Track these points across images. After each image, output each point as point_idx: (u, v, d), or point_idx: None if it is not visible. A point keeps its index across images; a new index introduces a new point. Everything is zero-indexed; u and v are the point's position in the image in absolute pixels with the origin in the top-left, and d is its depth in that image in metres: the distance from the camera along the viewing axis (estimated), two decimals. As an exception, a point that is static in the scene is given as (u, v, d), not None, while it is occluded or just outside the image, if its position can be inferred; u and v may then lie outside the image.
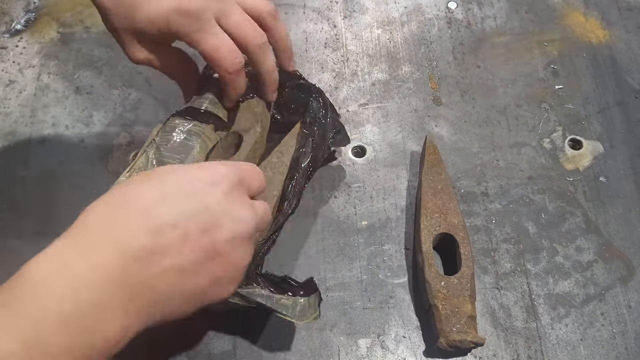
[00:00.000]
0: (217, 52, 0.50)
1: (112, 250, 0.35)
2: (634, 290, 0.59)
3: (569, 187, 0.64)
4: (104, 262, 0.35)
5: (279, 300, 0.49)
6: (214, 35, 0.49)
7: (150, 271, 0.36)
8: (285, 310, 0.49)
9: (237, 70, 0.52)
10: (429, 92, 0.71)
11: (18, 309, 0.32)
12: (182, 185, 0.40)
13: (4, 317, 0.32)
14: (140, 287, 0.36)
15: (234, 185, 0.41)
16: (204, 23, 0.49)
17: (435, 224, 0.57)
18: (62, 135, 0.67)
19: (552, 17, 0.76)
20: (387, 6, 0.77)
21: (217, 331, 0.56)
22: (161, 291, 0.37)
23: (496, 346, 0.56)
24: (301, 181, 0.57)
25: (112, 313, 0.35)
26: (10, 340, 0.31)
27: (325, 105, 0.60)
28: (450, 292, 0.54)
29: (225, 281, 0.41)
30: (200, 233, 0.38)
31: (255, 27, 0.52)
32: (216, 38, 0.50)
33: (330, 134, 0.60)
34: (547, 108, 0.70)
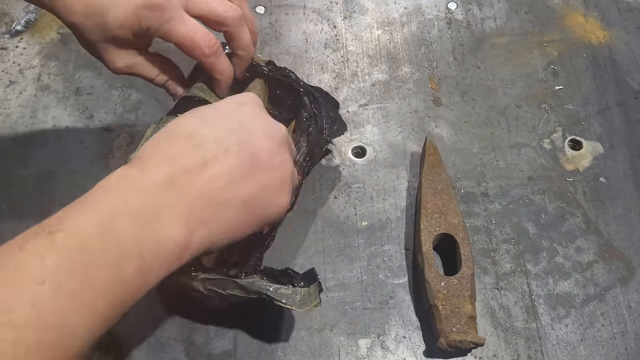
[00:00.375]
0: (190, 39, 0.51)
1: (166, 165, 0.40)
2: (634, 290, 0.59)
3: (569, 188, 0.64)
4: (161, 175, 0.39)
5: (278, 290, 0.49)
6: (184, 22, 0.50)
7: (201, 179, 0.40)
8: (285, 299, 0.49)
9: (214, 52, 0.52)
10: (429, 93, 0.71)
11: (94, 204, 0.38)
12: (217, 110, 0.45)
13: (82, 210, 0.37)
14: (196, 194, 0.40)
15: (258, 105, 0.47)
16: (173, 12, 0.49)
17: (436, 225, 0.57)
18: (62, 136, 0.67)
19: (552, 17, 0.76)
20: (387, 7, 0.77)
21: (217, 331, 0.56)
22: (215, 200, 0.41)
23: (496, 346, 0.56)
24: (299, 177, 0.57)
25: (175, 214, 0.39)
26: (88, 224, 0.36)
27: (317, 99, 0.59)
28: (450, 293, 0.54)
29: (274, 189, 0.45)
30: (239, 144, 0.43)
31: (225, 3, 0.53)
32: (186, 25, 0.50)
33: (326, 126, 0.60)
34: (547, 109, 0.70)
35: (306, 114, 0.59)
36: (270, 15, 0.76)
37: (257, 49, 0.59)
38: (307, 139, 0.58)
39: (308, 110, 0.59)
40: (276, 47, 0.74)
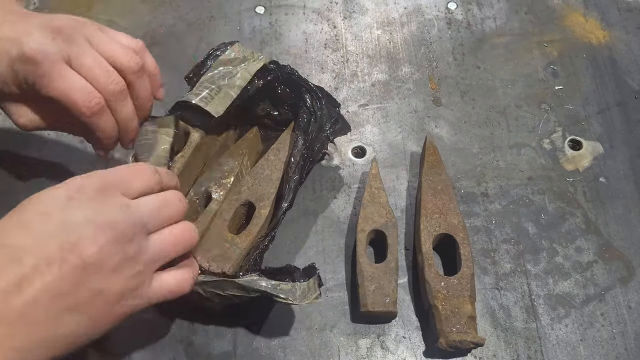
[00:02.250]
0: (66, 96, 0.47)
1: None
2: (633, 290, 0.59)
3: (568, 188, 0.64)
4: None
5: (278, 286, 0.49)
6: (62, 78, 0.47)
7: (20, 301, 0.35)
8: (285, 295, 0.48)
9: (94, 113, 0.48)
10: (428, 93, 0.71)
11: None
12: (40, 209, 0.39)
13: None
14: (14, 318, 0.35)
15: (95, 193, 0.40)
16: (50, 66, 0.46)
17: (435, 225, 0.57)
18: (62, 136, 0.67)
19: (551, 17, 0.76)
20: (387, 7, 0.77)
21: (217, 331, 0.56)
22: (39, 318, 0.36)
23: (496, 346, 0.56)
24: (296, 176, 0.57)
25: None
26: None
27: (319, 98, 0.59)
28: (450, 293, 0.54)
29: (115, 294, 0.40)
30: (61, 251, 0.37)
31: (108, 72, 0.49)
32: (64, 82, 0.47)
33: (327, 125, 0.60)
34: (547, 109, 0.70)
35: (306, 112, 0.59)
36: (270, 15, 0.76)
37: (255, 50, 0.59)
38: (304, 137, 0.58)
39: (308, 108, 0.59)
40: (276, 47, 0.74)
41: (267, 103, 0.62)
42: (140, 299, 0.42)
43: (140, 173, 0.44)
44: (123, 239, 0.40)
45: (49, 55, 0.46)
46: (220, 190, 0.58)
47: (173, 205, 0.45)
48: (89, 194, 0.40)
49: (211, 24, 0.75)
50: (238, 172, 0.59)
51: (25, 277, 0.36)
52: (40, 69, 0.46)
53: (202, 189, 0.59)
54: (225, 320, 0.56)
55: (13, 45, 0.46)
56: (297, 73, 0.60)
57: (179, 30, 0.75)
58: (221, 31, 0.75)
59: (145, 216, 0.42)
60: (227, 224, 0.56)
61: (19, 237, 0.37)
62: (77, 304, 0.38)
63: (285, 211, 0.55)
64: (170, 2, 0.77)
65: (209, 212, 0.57)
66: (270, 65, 0.59)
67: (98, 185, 0.41)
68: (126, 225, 0.40)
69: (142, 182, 0.44)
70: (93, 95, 0.48)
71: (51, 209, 0.39)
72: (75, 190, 0.40)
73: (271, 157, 0.60)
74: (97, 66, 0.48)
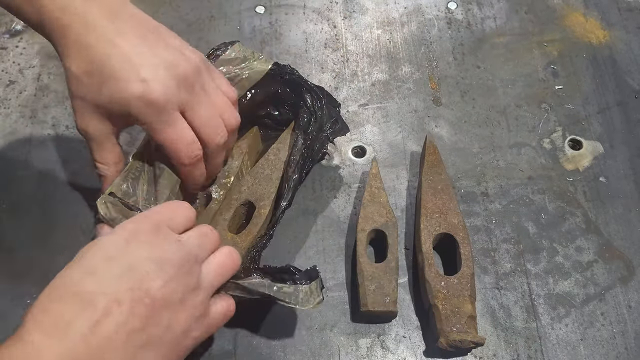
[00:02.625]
0: (173, 145, 0.49)
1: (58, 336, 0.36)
2: (634, 290, 0.59)
3: (569, 187, 0.64)
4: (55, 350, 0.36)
5: (280, 289, 0.49)
6: (173, 127, 0.48)
7: (96, 342, 0.37)
8: (288, 298, 0.48)
9: (192, 163, 0.51)
10: (429, 93, 0.71)
11: None
12: (102, 254, 0.41)
13: None
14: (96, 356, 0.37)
15: (150, 234, 0.42)
16: (166, 115, 0.47)
17: (435, 224, 0.57)
18: (62, 136, 0.67)
19: (552, 17, 0.76)
20: (387, 6, 0.77)
21: (217, 331, 0.56)
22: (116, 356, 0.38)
23: (496, 346, 0.56)
24: (295, 176, 0.57)
25: None
26: None
27: (320, 97, 0.59)
28: (450, 292, 0.54)
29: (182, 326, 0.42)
30: (130, 291, 0.39)
31: (218, 125, 0.51)
32: (175, 131, 0.49)
33: (327, 125, 0.60)
34: (547, 108, 0.70)
35: (306, 112, 0.59)
36: (270, 15, 0.76)
37: (257, 49, 0.59)
38: (304, 137, 0.58)
39: (308, 107, 0.59)
40: (276, 47, 0.74)
41: (268, 103, 0.62)
42: (204, 329, 0.45)
43: (180, 209, 0.46)
44: (183, 272, 0.42)
45: (170, 104, 0.47)
46: (221, 190, 0.58)
47: (211, 236, 0.47)
48: (145, 235, 0.42)
49: (211, 23, 0.75)
50: (238, 171, 0.59)
51: (99, 319, 0.37)
52: (157, 116, 0.47)
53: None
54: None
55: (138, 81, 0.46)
56: (297, 73, 0.60)
57: (179, 30, 0.74)
58: (221, 31, 0.75)
59: (194, 249, 0.44)
60: (228, 224, 0.56)
61: (88, 283, 0.39)
62: (150, 340, 0.40)
63: (284, 210, 0.55)
64: (170, 2, 0.77)
65: (209, 212, 0.57)
66: (271, 66, 0.59)
67: (150, 227, 0.43)
68: (183, 259, 0.42)
69: (183, 217, 0.46)
70: (196, 147, 0.50)
71: (113, 253, 0.41)
72: (131, 234, 0.42)
73: (271, 156, 0.60)
74: (210, 118, 0.51)
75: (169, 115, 0.48)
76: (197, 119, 0.50)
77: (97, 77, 0.47)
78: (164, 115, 0.47)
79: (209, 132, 0.51)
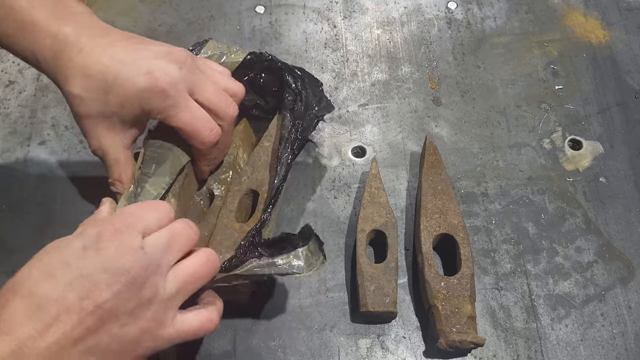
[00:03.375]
0: (191, 126, 0.50)
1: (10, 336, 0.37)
2: (634, 290, 0.59)
3: (568, 188, 0.64)
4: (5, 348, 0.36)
5: (278, 264, 0.48)
6: (187, 109, 0.49)
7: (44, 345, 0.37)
8: (290, 270, 0.48)
9: (213, 141, 0.52)
10: (428, 93, 0.71)
11: None
12: (61, 258, 0.40)
13: None
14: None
15: (110, 241, 0.41)
16: (177, 98, 0.48)
17: (435, 225, 0.57)
18: (62, 136, 0.67)
19: (552, 17, 0.76)
20: (387, 6, 0.77)
21: (217, 331, 0.56)
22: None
23: (496, 346, 0.56)
24: (286, 153, 0.56)
25: None
26: None
27: (302, 77, 0.59)
28: (450, 293, 0.54)
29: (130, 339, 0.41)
30: (80, 301, 0.39)
31: (226, 98, 0.52)
32: (190, 112, 0.49)
33: (313, 103, 0.60)
34: (547, 108, 0.70)
35: (291, 93, 0.59)
36: (270, 15, 0.76)
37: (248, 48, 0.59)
38: (291, 115, 0.58)
39: (292, 89, 0.59)
40: (276, 47, 0.73)
41: (252, 94, 0.62)
42: (161, 340, 0.43)
43: (150, 210, 0.44)
44: (137, 284, 0.40)
45: (177, 86, 0.48)
46: (221, 186, 0.59)
47: (183, 235, 0.44)
48: (104, 242, 0.41)
49: (211, 23, 0.75)
50: (235, 165, 0.60)
51: (48, 324, 0.38)
52: (169, 101, 0.48)
53: (203, 189, 0.59)
54: (225, 320, 0.56)
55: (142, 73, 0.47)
56: (275, 58, 0.60)
57: (179, 30, 0.75)
58: (221, 31, 0.75)
59: (158, 255, 0.42)
60: (234, 215, 0.56)
61: (43, 286, 0.39)
62: (97, 348, 0.39)
63: (278, 187, 0.54)
64: (170, 1, 0.77)
65: (214, 209, 0.57)
66: (248, 56, 0.59)
67: (112, 233, 0.41)
68: (139, 269, 0.41)
69: (154, 218, 0.44)
70: (213, 125, 0.51)
71: (70, 259, 0.40)
72: (92, 240, 0.41)
73: (265, 143, 0.60)
74: (216, 93, 0.51)
75: (180, 98, 0.49)
76: (206, 96, 0.51)
77: (100, 89, 0.48)
78: (175, 99, 0.48)
79: (221, 105, 0.51)
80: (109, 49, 0.48)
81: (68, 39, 0.48)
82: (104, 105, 0.48)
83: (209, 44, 0.59)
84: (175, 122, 0.50)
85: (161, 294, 0.42)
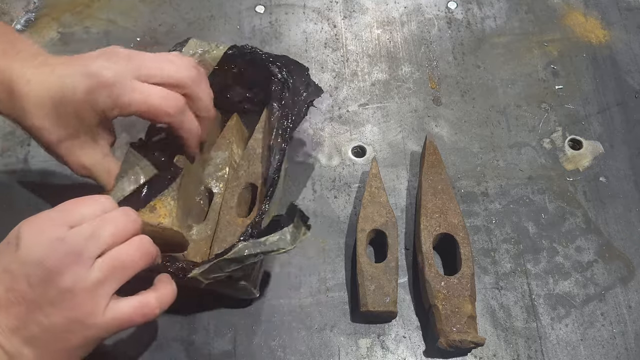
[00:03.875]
0: (147, 104, 0.49)
1: None
2: (634, 290, 0.59)
3: (569, 187, 0.64)
4: None
5: (266, 242, 0.48)
6: (138, 90, 0.48)
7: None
8: (277, 246, 0.48)
9: (179, 111, 0.50)
10: (429, 92, 0.71)
11: None
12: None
13: None
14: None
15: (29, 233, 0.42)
16: (124, 86, 0.48)
17: (435, 224, 0.57)
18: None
19: (552, 17, 0.76)
20: (387, 6, 0.77)
21: (217, 331, 0.56)
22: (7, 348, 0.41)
23: (496, 346, 0.56)
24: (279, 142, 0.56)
25: None
26: None
27: (287, 65, 0.59)
28: (450, 292, 0.54)
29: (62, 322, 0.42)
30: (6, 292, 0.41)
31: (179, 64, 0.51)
32: (141, 92, 0.49)
33: (301, 89, 0.59)
34: (547, 108, 0.70)
35: (277, 83, 0.58)
36: (270, 14, 0.76)
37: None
38: (279, 104, 0.58)
39: (279, 78, 0.59)
40: (276, 47, 0.73)
41: (240, 88, 0.62)
42: (96, 329, 0.43)
43: (87, 203, 0.45)
44: (53, 274, 0.41)
45: (120, 74, 0.48)
46: (219, 183, 0.59)
47: (115, 223, 0.44)
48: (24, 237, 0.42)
49: (211, 23, 0.75)
50: (231, 161, 0.60)
51: None
52: (116, 90, 0.48)
53: (201, 188, 0.59)
54: (225, 319, 0.56)
55: (83, 77, 0.48)
56: (256, 49, 0.60)
57: (179, 30, 0.75)
58: (221, 31, 0.75)
59: (78, 245, 0.42)
60: (235, 210, 0.56)
61: None
62: (32, 338, 0.41)
63: (274, 177, 0.54)
64: (170, 1, 0.77)
65: (214, 207, 0.57)
66: (229, 51, 0.59)
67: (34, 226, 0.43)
68: (54, 259, 0.41)
69: (89, 211, 0.45)
70: (172, 95, 0.50)
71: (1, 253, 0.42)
72: (14, 236, 0.43)
73: (258, 135, 0.60)
74: (162, 68, 0.50)
75: (126, 85, 0.48)
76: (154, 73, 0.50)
77: (54, 111, 0.48)
78: (122, 88, 0.48)
79: (175, 74, 0.50)
80: (52, 72, 0.48)
81: (14, 73, 0.48)
82: (66, 125, 0.49)
83: (190, 43, 0.59)
84: (130, 108, 0.49)
85: (83, 282, 0.42)
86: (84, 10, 0.76)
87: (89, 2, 0.77)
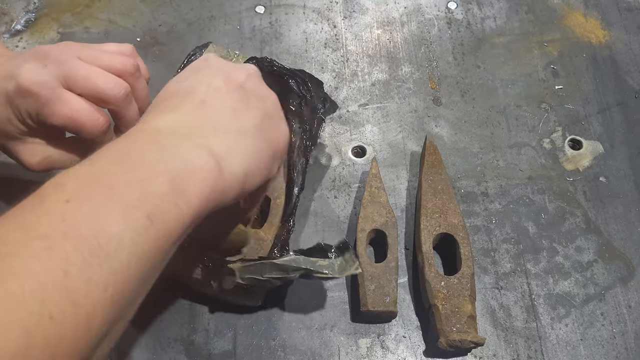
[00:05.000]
0: (72, 119, 0.47)
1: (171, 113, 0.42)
2: (634, 290, 0.59)
3: (568, 187, 0.64)
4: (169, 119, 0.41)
5: (316, 262, 0.49)
6: (64, 102, 0.46)
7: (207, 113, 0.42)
8: (325, 270, 0.49)
9: (103, 130, 0.48)
10: (429, 93, 0.71)
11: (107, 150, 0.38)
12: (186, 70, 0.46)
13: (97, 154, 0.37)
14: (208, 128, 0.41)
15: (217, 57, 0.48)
16: (49, 95, 0.46)
17: (435, 224, 0.57)
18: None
19: (552, 17, 0.76)
20: (387, 6, 0.77)
21: (217, 331, 0.56)
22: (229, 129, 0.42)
23: (496, 346, 0.56)
24: (302, 159, 0.57)
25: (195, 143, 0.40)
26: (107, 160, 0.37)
27: (305, 81, 0.60)
28: (450, 292, 0.54)
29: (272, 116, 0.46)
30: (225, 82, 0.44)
31: (107, 78, 0.48)
32: (67, 105, 0.46)
33: (318, 105, 0.60)
34: (547, 108, 0.70)
35: (295, 97, 0.59)
36: (270, 15, 0.76)
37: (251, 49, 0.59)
38: (299, 120, 0.58)
39: (296, 93, 0.59)
40: (276, 47, 0.73)
41: None
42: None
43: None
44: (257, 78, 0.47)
45: (45, 84, 0.46)
46: None
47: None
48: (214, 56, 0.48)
49: (211, 23, 0.75)
50: None
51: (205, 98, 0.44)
52: (40, 99, 0.46)
53: None
54: (225, 319, 0.56)
55: (8, 81, 0.46)
56: (276, 62, 0.60)
57: (179, 30, 0.75)
58: (221, 31, 0.75)
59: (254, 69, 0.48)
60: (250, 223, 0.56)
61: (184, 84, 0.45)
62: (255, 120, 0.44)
63: (298, 195, 0.56)
64: (170, 1, 0.77)
65: None
66: (248, 62, 0.59)
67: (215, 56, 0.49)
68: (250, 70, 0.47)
69: None
70: (98, 115, 0.48)
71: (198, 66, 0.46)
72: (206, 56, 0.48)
73: None
74: (92, 75, 0.48)
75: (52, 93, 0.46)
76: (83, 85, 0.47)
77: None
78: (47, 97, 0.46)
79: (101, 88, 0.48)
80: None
81: None
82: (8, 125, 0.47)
83: (210, 47, 0.59)
84: (55, 120, 0.47)
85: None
86: (84, 11, 0.76)
87: (89, 2, 0.77)
